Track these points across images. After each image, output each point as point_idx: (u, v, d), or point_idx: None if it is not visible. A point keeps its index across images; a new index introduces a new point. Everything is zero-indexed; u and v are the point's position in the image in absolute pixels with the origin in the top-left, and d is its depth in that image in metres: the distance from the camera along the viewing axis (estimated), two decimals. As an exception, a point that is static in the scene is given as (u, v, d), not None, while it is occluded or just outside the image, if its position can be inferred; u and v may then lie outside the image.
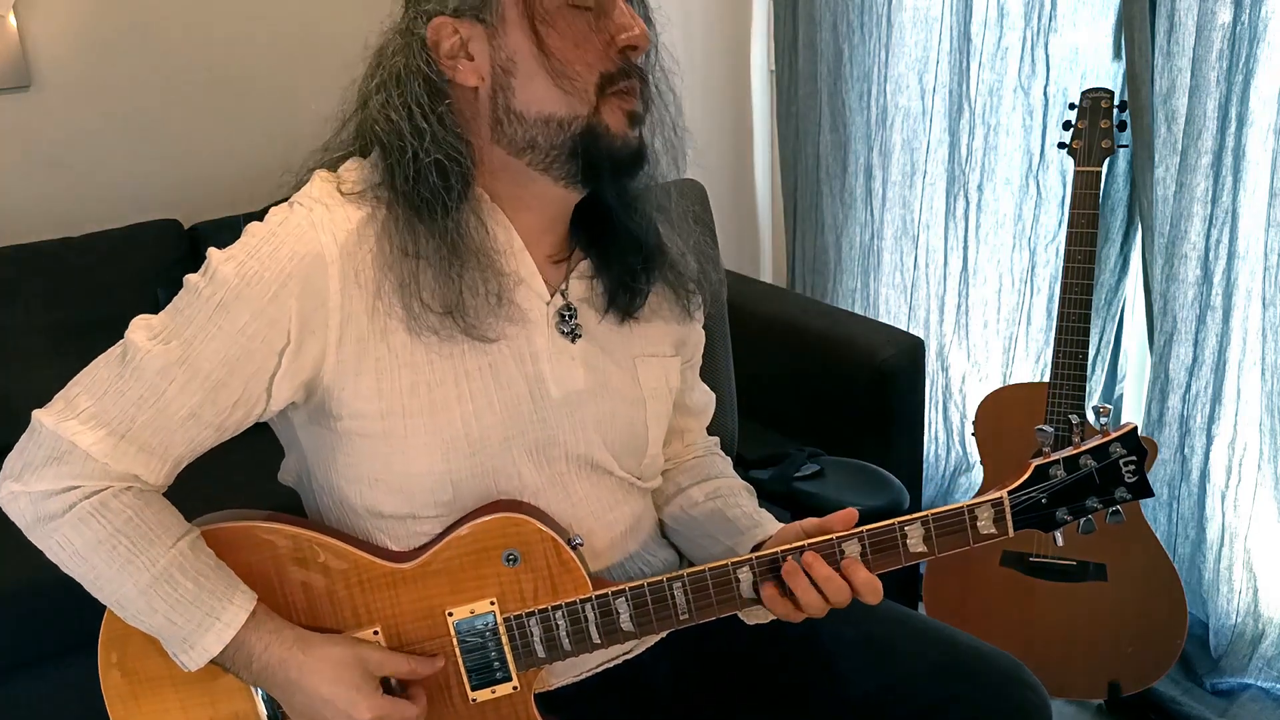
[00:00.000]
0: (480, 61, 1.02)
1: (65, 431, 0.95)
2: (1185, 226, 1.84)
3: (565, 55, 1.00)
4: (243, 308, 0.96)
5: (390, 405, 1.01)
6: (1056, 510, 1.03)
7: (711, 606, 1.05)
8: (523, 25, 1.00)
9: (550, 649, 1.06)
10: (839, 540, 1.02)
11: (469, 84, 1.02)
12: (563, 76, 1.00)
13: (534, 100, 1.01)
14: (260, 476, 1.19)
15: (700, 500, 1.22)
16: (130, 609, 0.99)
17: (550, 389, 1.07)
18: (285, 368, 0.98)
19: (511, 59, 1.01)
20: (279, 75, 2.79)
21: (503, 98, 1.02)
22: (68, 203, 2.58)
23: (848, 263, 2.59)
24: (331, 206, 1.00)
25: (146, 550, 0.97)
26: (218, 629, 0.98)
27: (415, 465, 1.03)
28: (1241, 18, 1.70)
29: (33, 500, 0.97)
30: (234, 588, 1.00)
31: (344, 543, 1.05)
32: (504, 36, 1.00)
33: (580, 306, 1.11)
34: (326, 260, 0.97)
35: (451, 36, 1.01)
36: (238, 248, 0.99)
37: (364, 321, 0.99)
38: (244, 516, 1.06)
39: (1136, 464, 1.02)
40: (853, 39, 2.41)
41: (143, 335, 0.98)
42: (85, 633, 1.04)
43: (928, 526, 1.02)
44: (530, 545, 1.04)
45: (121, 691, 1.05)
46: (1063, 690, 1.91)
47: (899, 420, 2.12)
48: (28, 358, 2.30)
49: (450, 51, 1.02)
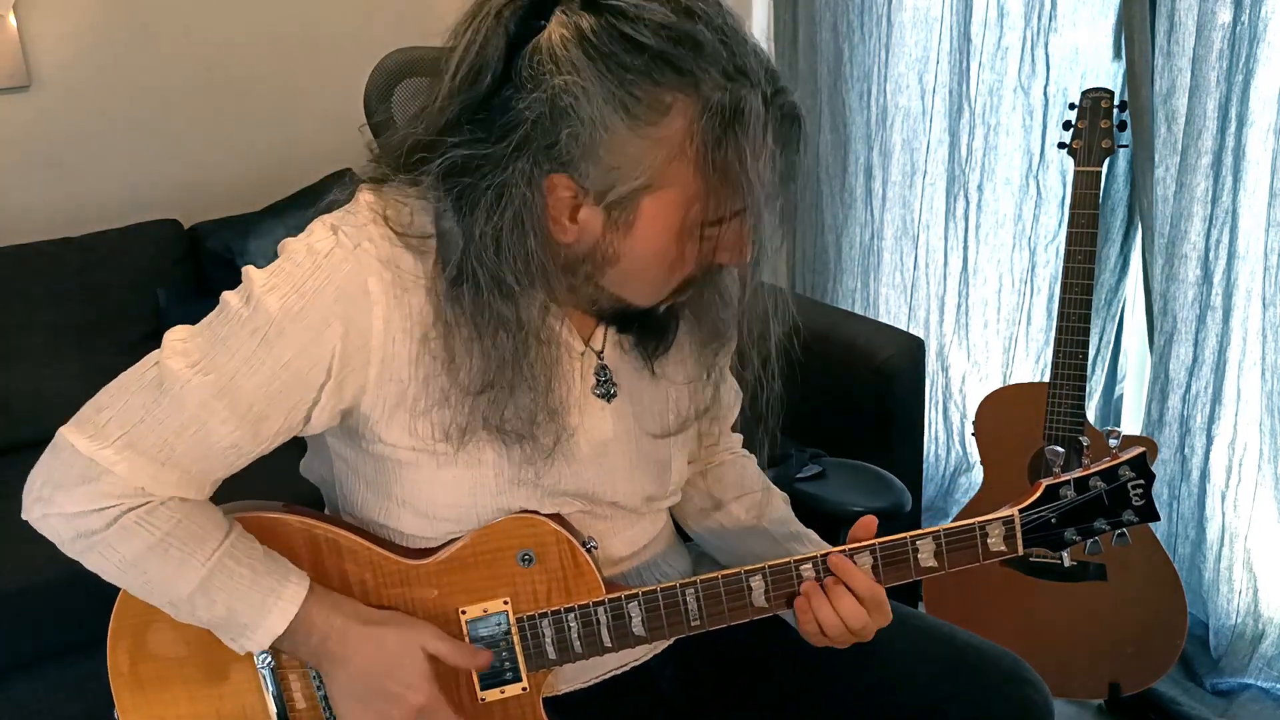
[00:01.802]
0: (583, 233, 0.95)
1: (102, 460, 0.93)
2: (1185, 226, 1.85)
3: (677, 273, 0.97)
4: (286, 345, 0.94)
5: (422, 443, 1.00)
6: (1065, 530, 1.05)
7: (723, 614, 1.05)
8: (653, 241, 0.94)
9: (561, 650, 1.06)
10: (851, 552, 1.03)
11: (561, 240, 0.95)
12: (664, 281, 0.98)
13: (622, 286, 0.98)
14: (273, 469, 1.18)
15: (743, 517, 1.22)
16: (186, 607, 0.99)
17: (580, 444, 1.06)
18: (325, 400, 0.97)
19: (618, 254, 0.95)
20: (279, 76, 2.79)
21: (588, 268, 0.97)
22: (68, 203, 2.58)
23: (848, 263, 2.59)
24: (377, 243, 0.95)
25: (199, 549, 0.97)
26: (281, 607, 0.98)
27: (442, 497, 1.03)
28: (1241, 18, 1.70)
29: (67, 519, 0.95)
30: (287, 568, 1.00)
31: (359, 537, 1.05)
32: (621, 234, 0.94)
33: (612, 357, 1.09)
34: (372, 300, 0.94)
35: (566, 196, 0.93)
36: (280, 275, 0.94)
37: (405, 365, 0.97)
38: (260, 508, 1.06)
39: (1144, 488, 1.04)
40: (853, 39, 2.41)
41: (181, 362, 0.94)
42: (85, 633, 1.04)
43: (939, 542, 1.03)
44: (545, 546, 1.04)
45: (129, 684, 1.05)
46: (1063, 690, 1.91)
47: (899, 420, 2.12)
48: (28, 358, 2.30)
49: (556, 207, 0.94)
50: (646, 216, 0.92)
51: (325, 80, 2.78)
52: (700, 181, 0.90)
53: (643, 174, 0.90)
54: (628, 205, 0.92)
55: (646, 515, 1.16)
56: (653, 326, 1.09)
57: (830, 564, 1.03)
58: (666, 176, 0.90)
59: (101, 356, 2.30)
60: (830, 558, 1.03)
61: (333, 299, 0.94)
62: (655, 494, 1.15)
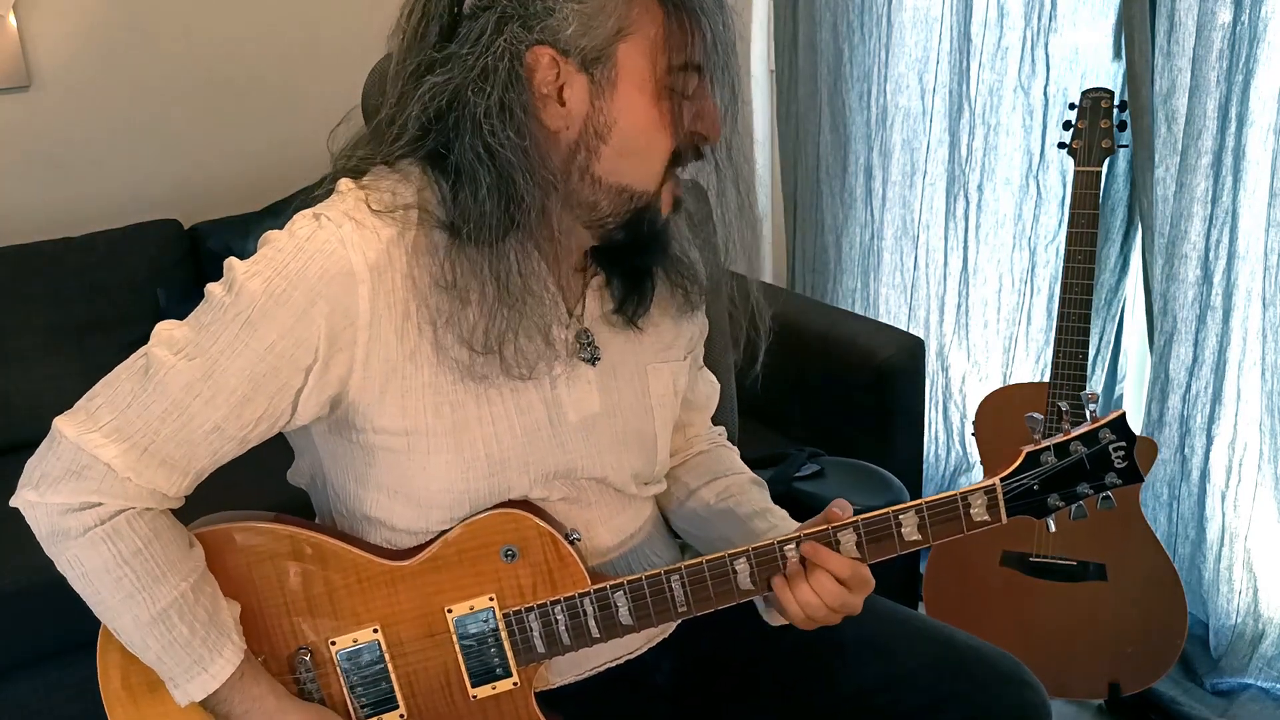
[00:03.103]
0: (573, 111, 0.96)
1: (87, 445, 0.94)
2: (1185, 226, 1.85)
3: (666, 138, 0.98)
4: (270, 326, 0.95)
5: (414, 424, 1.01)
6: (1048, 496, 1.05)
7: (710, 598, 1.06)
8: (636, 98, 0.96)
9: (550, 644, 1.06)
10: (835, 530, 1.03)
11: (551, 126, 0.96)
12: (653, 154, 0.98)
13: (617, 170, 0.98)
14: (263, 477, 1.19)
15: (712, 501, 1.22)
16: (125, 637, 1.00)
17: (568, 414, 1.07)
18: (312, 385, 0.98)
19: (609, 126, 0.96)
20: (279, 76, 2.79)
21: (583, 156, 0.97)
22: (68, 203, 2.58)
23: (848, 263, 2.59)
24: (361, 223, 0.96)
25: (150, 587, 0.97)
26: (203, 679, 0.99)
27: (435, 482, 1.03)
28: (1241, 18, 1.70)
29: (49, 512, 0.96)
30: (225, 638, 1.01)
31: (343, 542, 1.05)
32: (608, 100, 0.95)
33: (595, 326, 1.10)
34: (356, 280, 0.95)
35: (549, 70, 0.94)
36: (262, 262, 0.96)
37: (392, 342, 0.98)
38: (247, 517, 1.06)
39: (1126, 449, 1.03)
40: (853, 39, 2.41)
41: (165, 350, 0.96)
42: (85, 633, 1.04)
43: (922, 515, 1.03)
44: (528, 540, 1.05)
45: (120, 696, 1.06)
46: (1063, 690, 1.91)
47: (899, 420, 2.12)
48: (28, 358, 2.30)
49: (543, 88, 0.95)
50: (625, 68, 0.95)
51: (325, 80, 2.78)
52: (664, 19, 0.95)
53: (613, 16, 0.93)
54: (606, 59, 0.94)
55: (634, 502, 1.16)
56: (633, 281, 1.10)
57: (804, 551, 1.03)
58: (633, 17, 0.94)
59: (101, 357, 2.28)
60: (803, 545, 1.03)
61: (316, 279, 0.95)
62: (642, 471, 1.15)
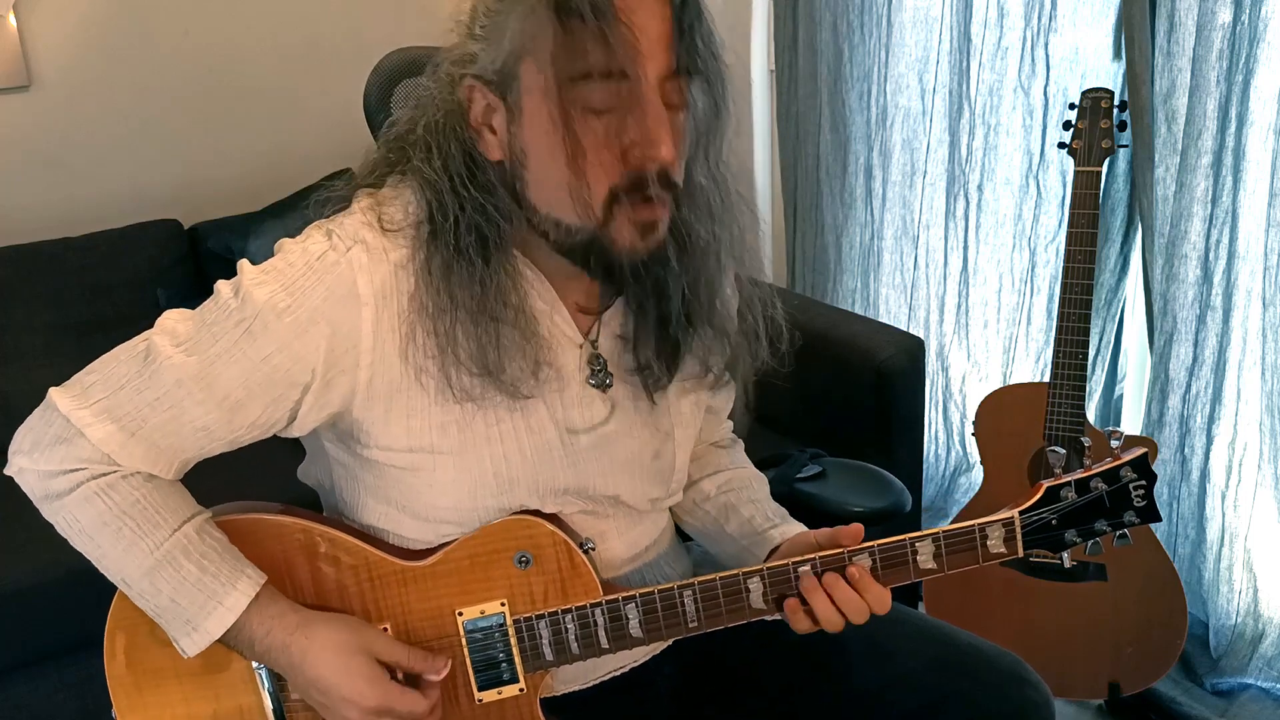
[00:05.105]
0: (501, 140, 0.96)
1: (77, 420, 0.95)
2: (1185, 226, 1.85)
3: (577, 164, 0.91)
4: (269, 339, 0.95)
5: (419, 443, 1.00)
6: (1066, 532, 1.05)
7: (721, 615, 1.05)
8: (537, 120, 0.92)
9: (558, 652, 1.06)
10: (850, 554, 1.03)
11: (491, 157, 0.97)
12: (571, 187, 0.92)
13: (543, 200, 0.96)
14: (272, 470, 1.19)
15: (712, 494, 1.22)
16: (135, 589, 0.99)
17: (580, 435, 1.06)
18: (311, 402, 0.98)
19: (524, 150, 0.94)
20: (278, 76, 2.79)
21: (519, 184, 0.96)
22: (68, 203, 2.58)
23: (848, 263, 2.59)
24: (371, 245, 0.96)
25: (151, 533, 0.97)
26: (220, 613, 0.98)
27: (442, 499, 1.03)
28: (1241, 18, 1.70)
29: (39, 477, 0.97)
30: (239, 571, 0.99)
31: (356, 539, 1.05)
32: (520, 124, 0.94)
33: (610, 349, 1.08)
34: (361, 303, 0.95)
35: (480, 102, 0.96)
36: (272, 273, 0.96)
37: (396, 364, 0.98)
38: (257, 509, 1.06)
39: (1146, 489, 1.04)
40: (853, 39, 2.41)
41: (167, 340, 0.96)
42: (85, 633, 1.04)
43: (938, 544, 1.03)
44: (542, 548, 1.04)
45: (125, 683, 1.05)
46: (1063, 690, 1.91)
47: (899, 420, 2.12)
48: (28, 358, 2.30)
49: (477, 118, 0.96)
50: (529, 89, 0.92)
51: (325, 80, 2.78)
52: (557, 27, 0.88)
53: (508, 33, 0.92)
54: (511, 82, 0.93)
55: (649, 515, 1.16)
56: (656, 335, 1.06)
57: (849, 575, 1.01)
58: (528, 31, 0.91)
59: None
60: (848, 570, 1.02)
61: (320, 300, 0.95)
62: (658, 494, 1.15)
